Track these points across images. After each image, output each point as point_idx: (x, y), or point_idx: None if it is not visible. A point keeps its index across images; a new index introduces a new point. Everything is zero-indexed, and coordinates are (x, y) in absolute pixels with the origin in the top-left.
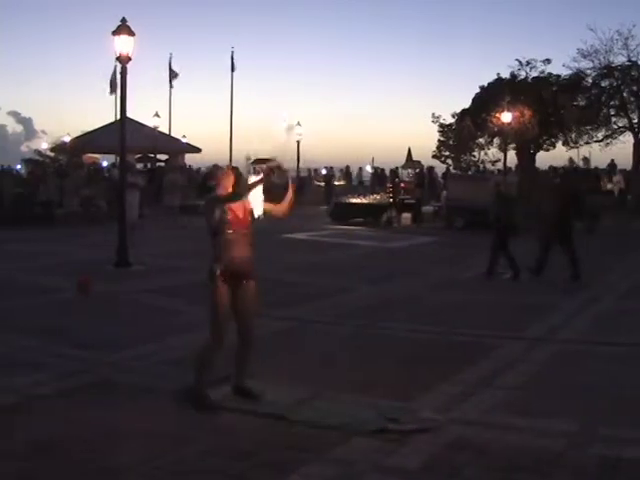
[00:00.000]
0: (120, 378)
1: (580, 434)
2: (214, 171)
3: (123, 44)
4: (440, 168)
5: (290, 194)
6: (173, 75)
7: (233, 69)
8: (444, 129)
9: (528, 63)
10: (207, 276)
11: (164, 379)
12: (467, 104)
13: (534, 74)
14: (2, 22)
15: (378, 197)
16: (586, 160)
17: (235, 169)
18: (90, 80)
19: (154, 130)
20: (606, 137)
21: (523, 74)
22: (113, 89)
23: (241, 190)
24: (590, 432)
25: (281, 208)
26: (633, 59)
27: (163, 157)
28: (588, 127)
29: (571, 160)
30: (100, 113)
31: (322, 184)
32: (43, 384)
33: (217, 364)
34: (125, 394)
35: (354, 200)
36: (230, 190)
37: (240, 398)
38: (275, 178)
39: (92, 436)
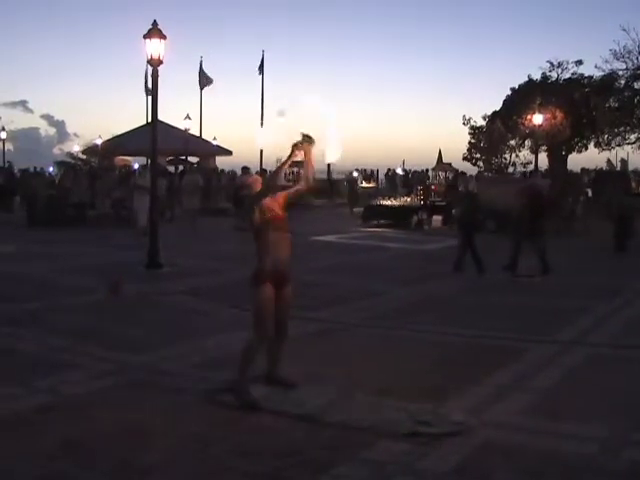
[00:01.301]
0: (150, 379)
1: (611, 439)
2: (244, 181)
3: (154, 47)
4: (470, 170)
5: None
6: (208, 81)
7: (263, 71)
8: (475, 131)
9: (559, 64)
10: (252, 276)
11: (194, 380)
12: (498, 106)
13: (566, 75)
14: (34, 26)
15: (409, 199)
16: (624, 162)
17: (263, 173)
18: (122, 83)
19: (185, 132)
20: (639, 139)
21: (554, 75)
22: (148, 91)
23: (267, 183)
24: (621, 437)
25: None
26: None
27: (194, 159)
28: (621, 129)
29: (609, 161)
30: (132, 115)
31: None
32: (74, 384)
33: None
34: (155, 395)
35: (385, 202)
36: None
37: (273, 394)
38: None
39: (121, 436)
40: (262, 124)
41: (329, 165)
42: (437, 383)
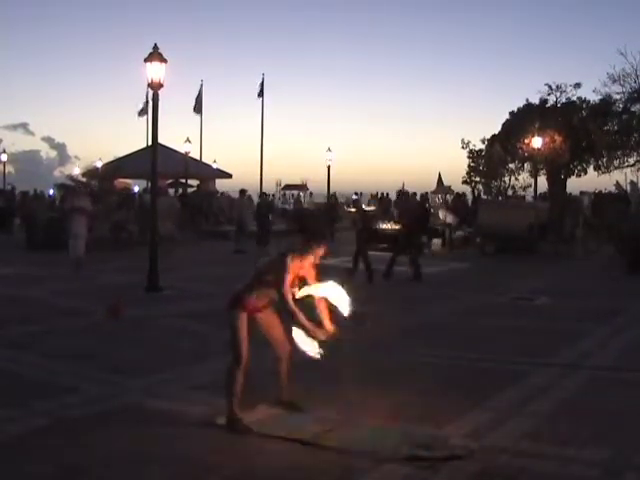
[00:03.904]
0: (149, 402)
1: (613, 462)
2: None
3: (155, 71)
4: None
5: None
6: (198, 107)
7: (262, 94)
8: (474, 154)
9: (558, 88)
10: (231, 299)
11: (193, 404)
12: (497, 130)
13: (564, 99)
14: (35, 49)
15: None
16: (633, 184)
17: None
18: (123, 106)
19: (185, 156)
20: (638, 162)
21: (553, 99)
22: (143, 112)
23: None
24: (623, 460)
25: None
26: None
27: (194, 182)
28: (619, 152)
29: (618, 184)
30: (133, 138)
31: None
32: (73, 407)
33: (247, 388)
34: (154, 418)
35: (385, 226)
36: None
37: (273, 418)
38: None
39: (119, 460)
40: (262, 148)
41: (329, 187)
42: (437, 407)
